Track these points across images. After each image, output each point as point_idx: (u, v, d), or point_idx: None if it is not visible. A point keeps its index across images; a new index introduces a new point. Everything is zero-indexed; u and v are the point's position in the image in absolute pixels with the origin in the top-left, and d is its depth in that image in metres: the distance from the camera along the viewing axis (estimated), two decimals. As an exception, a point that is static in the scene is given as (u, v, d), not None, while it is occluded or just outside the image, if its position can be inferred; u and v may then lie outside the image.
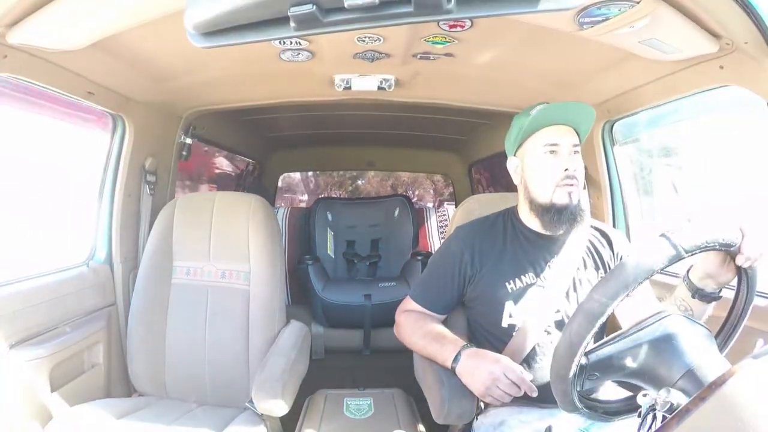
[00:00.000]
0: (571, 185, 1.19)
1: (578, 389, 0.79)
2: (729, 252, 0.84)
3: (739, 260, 0.84)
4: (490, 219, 1.38)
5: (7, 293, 1.35)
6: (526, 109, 1.26)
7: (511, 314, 1.25)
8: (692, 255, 0.76)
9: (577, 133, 1.23)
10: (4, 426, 1.25)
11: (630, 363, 0.77)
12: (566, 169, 1.19)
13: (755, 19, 0.92)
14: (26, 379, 1.32)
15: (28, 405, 1.32)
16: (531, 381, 1.11)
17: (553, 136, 1.21)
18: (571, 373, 0.76)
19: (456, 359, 1.16)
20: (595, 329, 0.73)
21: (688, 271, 0.99)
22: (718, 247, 0.79)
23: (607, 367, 0.79)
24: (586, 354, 0.78)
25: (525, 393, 1.11)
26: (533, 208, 1.26)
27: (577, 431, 1.06)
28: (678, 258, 0.74)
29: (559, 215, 1.20)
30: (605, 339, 0.81)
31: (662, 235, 0.75)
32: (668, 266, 0.74)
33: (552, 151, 1.21)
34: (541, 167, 1.22)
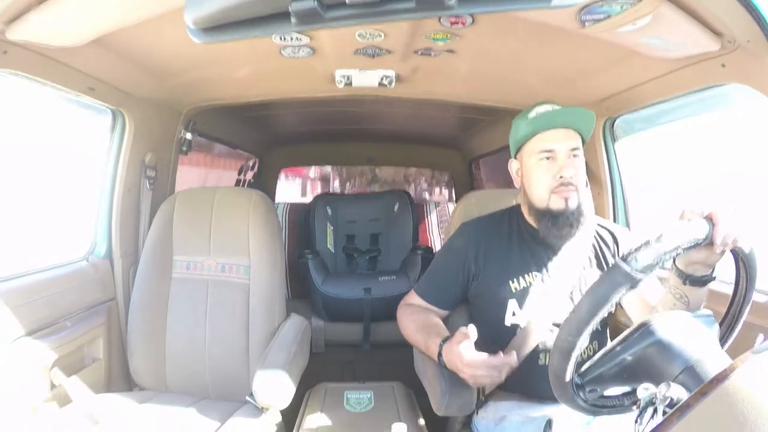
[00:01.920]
0: (568, 191, 1.18)
1: (583, 399, 0.80)
2: (701, 245, 0.82)
3: (717, 249, 0.83)
4: (495, 216, 1.37)
5: (7, 288, 1.35)
6: (524, 110, 1.25)
7: (515, 313, 1.25)
8: (653, 272, 0.74)
9: (580, 133, 1.22)
10: (4, 421, 1.25)
11: (624, 372, 0.78)
12: (561, 176, 1.18)
13: (757, 17, 0.91)
14: (27, 374, 1.32)
15: (30, 400, 1.33)
16: (533, 376, 1.13)
17: (548, 141, 1.19)
18: (570, 394, 0.79)
19: (440, 356, 1.16)
20: (574, 359, 0.76)
21: (674, 260, 0.97)
22: (682, 252, 0.78)
23: (603, 382, 0.81)
24: (580, 375, 0.80)
25: (526, 384, 1.15)
26: (531, 212, 1.26)
27: (579, 425, 1.07)
28: (634, 283, 0.73)
29: (555, 221, 1.19)
30: (593, 359, 0.82)
31: (615, 263, 0.74)
32: (628, 292, 0.74)
33: (548, 157, 1.19)
34: (537, 173, 1.21)
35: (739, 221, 0.80)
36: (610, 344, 0.80)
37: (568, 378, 0.78)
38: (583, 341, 0.75)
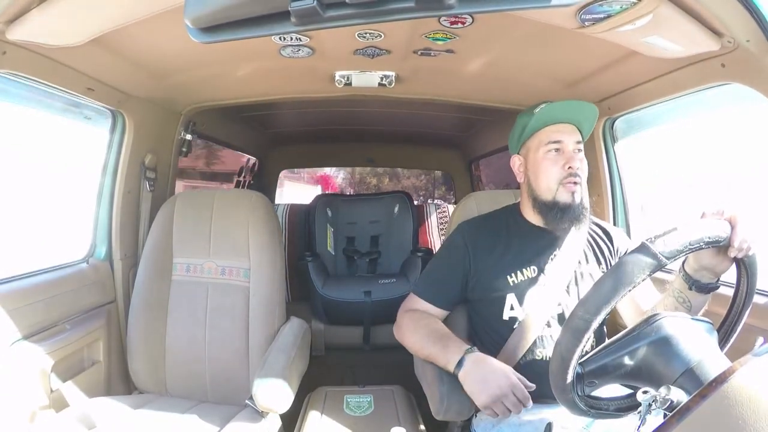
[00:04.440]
0: (575, 183, 1.20)
1: (579, 394, 0.80)
2: (719, 246, 0.84)
3: (732, 252, 0.84)
4: (492, 215, 1.39)
5: (7, 290, 1.35)
6: (529, 107, 1.27)
7: (513, 307, 1.25)
8: (676, 260, 0.75)
9: (580, 131, 1.24)
10: (4, 423, 1.25)
11: (626, 368, 0.78)
12: (569, 167, 1.19)
13: (757, 17, 0.91)
14: (26, 376, 1.32)
15: (29, 403, 1.32)
16: (531, 372, 1.13)
17: (556, 133, 1.22)
18: (568, 384, 0.78)
19: (459, 364, 1.15)
20: (583, 344, 0.75)
21: (683, 264, 0.99)
22: (704, 246, 0.78)
23: (604, 375, 0.80)
24: (581, 364, 0.80)
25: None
26: (536, 205, 1.27)
27: (579, 428, 1.06)
28: (659, 267, 0.73)
29: (562, 213, 1.21)
30: (598, 348, 0.81)
31: (642, 244, 0.75)
32: (650, 276, 0.74)
33: (556, 149, 1.22)
34: (545, 165, 1.23)
35: (756, 232, 0.82)
36: (617, 335, 0.80)
37: (573, 364, 0.76)
38: (597, 324, 0.74)
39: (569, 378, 0.78)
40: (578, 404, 0.80)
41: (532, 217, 1.29)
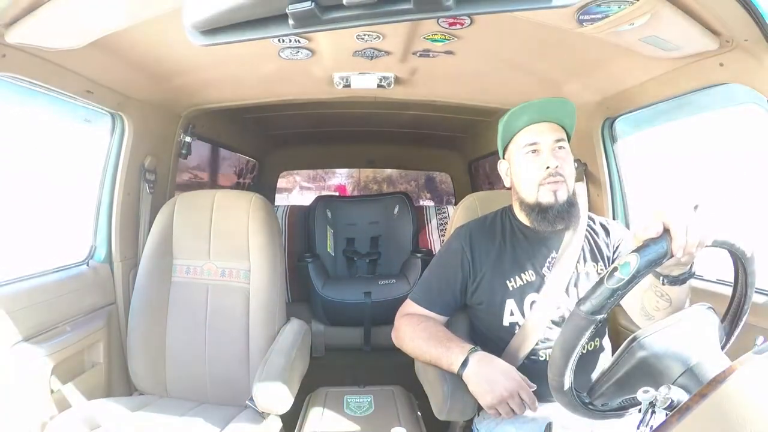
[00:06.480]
0: (556, 182, 1.19)
1: (594, 409, 0.83)
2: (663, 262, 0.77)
3: (683, 259, 0.79)
4: (488, 218, 1.38)
5: (8, 292, 1.35)
6: (508, 111, 1.27)
7: (512, 312, 1.25)
8: (612, 307, 0.75)
9: (564, 128, 1.23)
10: (4, 425, 1.25)
11: (628, 385, 0.80)
12: (548, 167, 1.19)
13: (755, 17, 0.92)
14: (27, 378, 1.32)
15: (29, 404, 1.32)
16: (534, 374, 1.14)
17: (531, 135, 1.22)
18: (581, 411, 0.84)
19: (464, 364, 1.15)
20: (568, 389, 0.81)
21: None
22: (639, 280, 0.73)
23: (610, 396, 0.83)
24: (587, 394, 0.84)
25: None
26: (523, 208, 1.27)
27: (579, 427, 1.06)
28: (596, 323, 0.75)
29: (544, 214, 1.21)
30: (592, 383, 0.85)
31: (573, 311, 0.77)
32: (592, 332, 0.76)
33: (533, 151, 1.22)
34: (524, 168, 1.23)
35: (701, 223, 0.75)
36: (606, 365, 0.84)
37: (573, 402, 0.82)
38: (570, 375, 0.80)
39: (579, 409, 0.83)
40: (600, 415, 0.84)
41: (525, 219, 1.29)
